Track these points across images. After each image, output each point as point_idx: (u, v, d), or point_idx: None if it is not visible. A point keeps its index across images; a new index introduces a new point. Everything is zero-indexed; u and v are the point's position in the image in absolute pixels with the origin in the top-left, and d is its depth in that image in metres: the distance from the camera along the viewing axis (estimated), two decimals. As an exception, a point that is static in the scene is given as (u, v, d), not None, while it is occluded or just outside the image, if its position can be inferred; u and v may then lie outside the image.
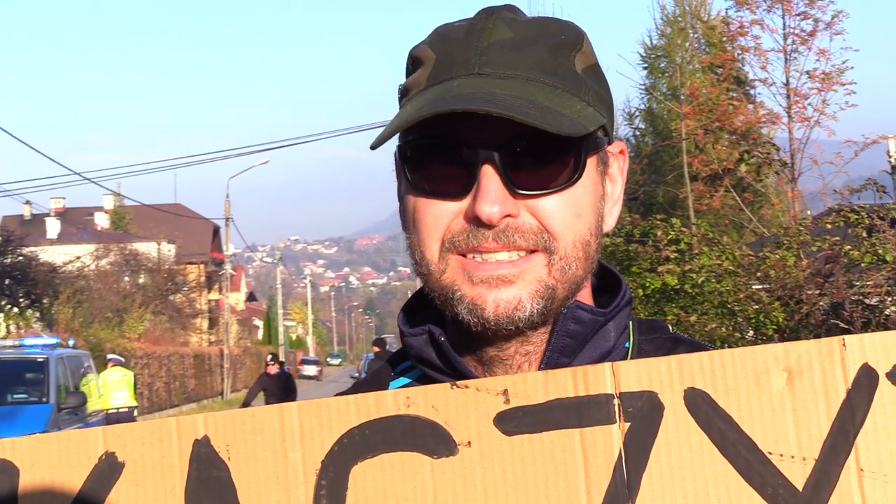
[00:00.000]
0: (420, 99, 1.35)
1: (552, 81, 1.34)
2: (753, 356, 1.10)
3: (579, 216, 1.35)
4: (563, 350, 1.37)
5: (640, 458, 1.09)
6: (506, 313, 1.31)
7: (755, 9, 21.08)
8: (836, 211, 13.62)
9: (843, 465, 1.08)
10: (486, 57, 1.34)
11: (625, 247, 13.72)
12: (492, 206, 1.29)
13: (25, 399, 17.45)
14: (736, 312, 12.89)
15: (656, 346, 1.45)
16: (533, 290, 1.32)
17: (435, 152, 1.34)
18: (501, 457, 1.11)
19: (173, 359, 41.06)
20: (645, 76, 31.18)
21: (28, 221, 59.86)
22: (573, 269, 1.35)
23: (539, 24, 1.40)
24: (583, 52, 1.40)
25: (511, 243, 1.31)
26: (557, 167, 1.33)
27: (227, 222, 49.60)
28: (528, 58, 1.35)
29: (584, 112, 1.33)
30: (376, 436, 1.13)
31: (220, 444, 1.16)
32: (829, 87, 20.48)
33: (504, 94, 1.29)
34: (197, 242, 65.74)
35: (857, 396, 1.09)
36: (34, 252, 37.77)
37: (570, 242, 1.34)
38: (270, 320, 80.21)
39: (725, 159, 22.50)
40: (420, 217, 1.36)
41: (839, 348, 1.10)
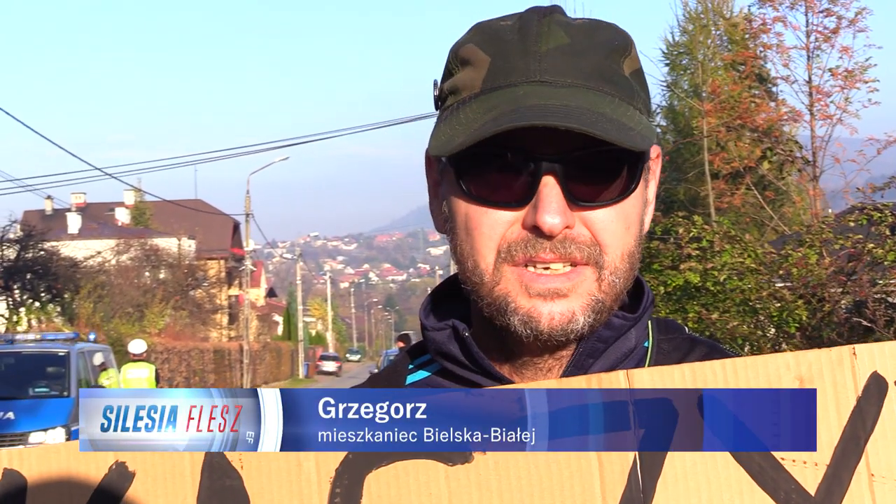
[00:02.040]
0: (483, 105, 1.34)
1: (610, 90, 1.34)
2: (766, 364, 1.12)
3: (628, 229, 1.35)
4: (592, 353, 1.37)
5: (655, 464, 1.11)
6: (560, 326, 1.31)
7: (778, 6, 21.02)
8: (859, 209, 13.56)
9: (854, 470, 1.10)
10: (546, 63, 1.33)
11: (646, 244, 13.67)
12: (554, 216, 1.29)
13: (47, 393, 17.58)
14: (758, 310, 12.85)
15: (674, 346, 1.46)
16: (585, 303, 1.32)
17: (492, 160, 1.33)
18: (517, 464, 1.11)
19: (193, 354, 41.22)
20: (666, 73, 31.11)
21: (49, 216, 60.19)
22: (621, 282, 1.35)
23: (592, 27, 1.39)
24: (631, 57, 1.39)
25: (567, 254, 1.31)
26: (614, 179, 1.33)
27: (247, 218, 49.70)
28: (586, 65, 1.34)
29: (643, 122, 1.34)
30: None
31: (233, 454, 1.15)
32: (852, 85, 20.40)
33: (576, 107, 1.28)
34: (217, 238, 65.99)
35: (867, 404, 1.12)
36: (55, 247, 37.97)
37: (618, 255, 1.34)
38: (290, 316, 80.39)
39: (747, 157, 22.45)
40: (474, 225, 1.35)
41: (849, 357, 1.13)
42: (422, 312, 1.49)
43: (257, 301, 78.20)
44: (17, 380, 17.82)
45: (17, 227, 36.67)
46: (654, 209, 1.48)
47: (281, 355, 65.07)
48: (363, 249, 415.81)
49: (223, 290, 58.94)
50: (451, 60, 1.43)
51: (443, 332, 1.42)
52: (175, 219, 56.76)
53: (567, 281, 1.31)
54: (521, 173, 1.31)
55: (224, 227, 70.17)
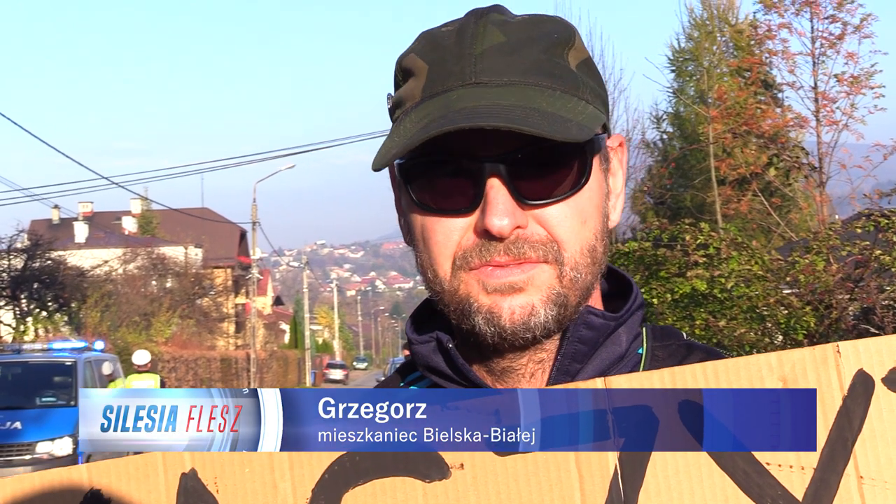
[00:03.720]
0: (419, 113, 1.32)
1: (551, 84, 1.32)
2: (747, 366, 1.09)
3: (585, 223, 1.33)
4: (575, 356, 1.35)
5: (636, 474, 1.08)
6: (521, 319, 1.29)
7: (783, 12, 20.98)
8: (866, 215, 13.52)
9: (842, 473, 1.07)
10: (482, 64, 1.32)
11: (653, 251, 13.66)
12: (501, 218, 1.27)
13: (54, 402, 17.62)
14: (765, 317, 12.82)
15: (670, 353, 1.43)
16: (545, 296, 1.30)
17: (438, 168, 1.32)
18: (495, 478, 1.09)
19: (200, 362, 41.25)
20: (672, 79, 31.10)
21: (56, 225, 60.27)
22: (583, 277, 1.33)
23: (529, 23, 1.37)
24: (575, 48, 1.37)
25: (521, 255, 1.29)
26: (563, 174, 1.31)
27: (254, 226, 49.72)
28: (524, 61, 1.32)
29: (587, 112, 1.31)
30: (367, 462, 1.11)
31: (208, 477, 1.14)
32: (858, 91, 20.35)
33: (507, 105, 1.26)
34: (224, 246, 66.05)
35: (853, 403, 1.08)
36: (62, 256, 38.00)
37: (577, 250, 1.32)
38: (297, 324, 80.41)
39: (753, 163, 22.41)
40: (429, 235, 1.34)
41: (833, 355, 1.09)
42: (407, 327, 1.48)
43: (264, 309, 78.21)
44: (25, 389, 17.86)
45: (25, 236, 36.72)
46: (624, 199, 1.45)
47: (288, 363, 65.07)
48: (370, 257, 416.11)
49: (230, 299, 58.95)
50: (396, 72, 1.43)
51: (427, 344, 1.41)
52: (182, 227, 56.87)
53: (522, 273, 1.29)
54: (466, 178, 1.30)
55: (231, 235, 70.21)
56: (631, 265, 13.77)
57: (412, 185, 1.34)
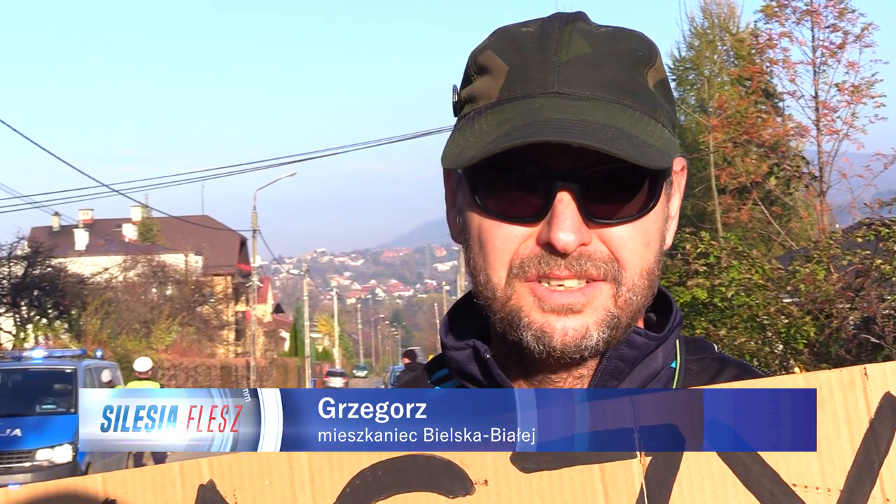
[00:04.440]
0: (498, 117, 1.30)
1: (631, 103, 1.30)
2: (774, 386, 1.08)
3: (648, 245, 1.32)
4: (614, 373, 1.34)
5: (662, 492, 1.07)
6: (574, 342, 1.28)
7: (784, 21, 21.03)
8: (866, 224, 13.53)
9: (868, 495, 1.06)
10: (566, 74, 1.30)
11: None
12: (568, 234, 1.26)
13: (54, 409, 17.60)
14: (766, 326, 12.81)
15: (703, 367, 1.43)
16: (599, 318, 1.29)
17: (507, 173, 1.30)
18: (520, 495, 1.08)
19: (200, 370, 41.22)
20: (673, 88, 31.10)
21: (56, 233, 60.20)
22: (638, 299, 1.32)
23: (614, 36, 1.35)
24: (655, 68, 1.36)
25: (583, 271, 1.28)
26: (633, 195, 1.30)
27: (254, 234, 49.75)
28: (607, 76, 1.30)
29: (665, 137, 1.30)
30: (389, 476, 1.10)
31: (227, 489, 1.13)
32: (859, 100, 20.39)
33: (594, 122, 1.25)
34: (224, 254, 66.04)
35: (880, 426, 1.07)
36: (63, 263, 38.01)
37: (637, 272, 1.31)
38: (297, 332, 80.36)
39: (754, 172, 22.42)
40: (487, 238, 1.32)
41: (861, 378, 1.08)
42: (441, 330, 1.46)
43: (264, 317, 78.21)
44: (25, 397, 17.84)
45: (25, 243, 36.72)
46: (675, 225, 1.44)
47: (288, 371, 65.03)
48: (370, 265, 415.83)
49: (230, 307, 58.92)
50: (469, 66, 1.40)
51: (463, 351, 1.40)
52: (182, 235, 56.87)
53: (581, 296, 1.29)
54: (536, 188, 1.28)
55: (231, 243, 70.20)
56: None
57: (477, 186, 1.33)
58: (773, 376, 1.11)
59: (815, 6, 20.65)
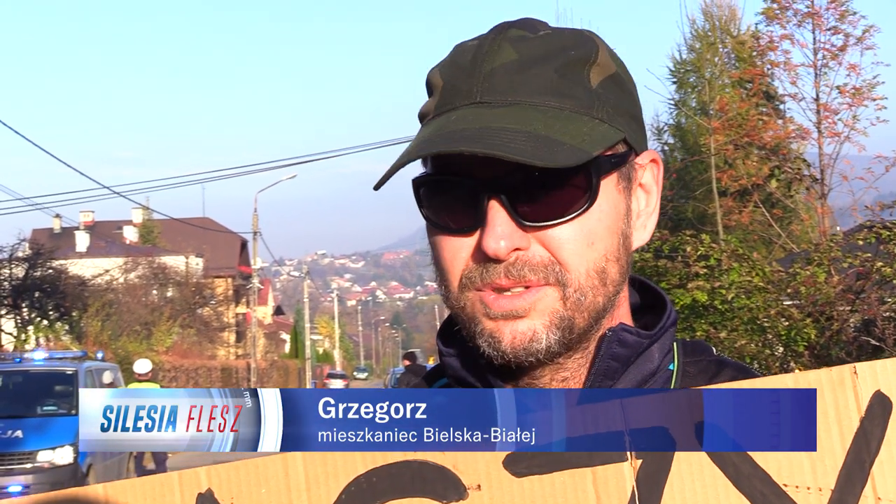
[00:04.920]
0: (420, 134, 1.33)
1: (559, 103, 1.30)
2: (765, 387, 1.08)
3: (592, 244, 1.30)
4: (608, 373, 1.34)
5: (654, 495, 1.07)
6: (522, 345, 1.28)
7: (785, 24, 21.01)
8: (867, 227, 13.54)
9: (860, 494, 1.06)
10: (489, 83, 1.31)
11: (654, 262, 13.67)
12: (497, 241, 1.26)
13: (55, 411, 17.60)
14: (766, 329, 12.81)
15: (701, 369, 1.42)
16: (548, 321, 1.28)
17: (446, 187, 1.32)
18: (512, 499, 1.08)
19: (201, 372, 41.24)
20: (674, 91, 31.12)
21: (57, 235, 60.26)
22: (589, 299, 1.30)
23: (549, 40, 1.34)
24: (598, 64, 1.34)
25: (522, 277, 1.28)
26: (566, 195, 1.28)
27: (254, 236, 49.76)
28: (534, 80, 1.30)
29: (592, 133, 1.28)
30: (384, 483, 1.10)
31: (225, 497, 1.13)
32: (860, 103, 20.37)
33: (497, 128, 1.25)
34: (225, 256, 66.09)
35: (870, 425, 1.07)
36: (63, 265, 38.03)
37: (582, 273, 1.29)
38: (297, 334, 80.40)
39: (755, 175, 22.41)
40: (439, 252, 1.34)
41: (850, 376, 1.07)
42: (438, 337, 1.47)
43: (265, 319, 78.23)
44: (26, 398, 17.85)
45: (26, 245, 36.76)
46: (655, 219, 1.42)
47: (288, 373, 65.06)
48: (370, 267, 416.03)
49: (230, 308, 58.95)
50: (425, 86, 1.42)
51: (456, 357, 1.41)
52: (183, 237, 56.90)
53: (523, 301, 1.28)
54: (470, 199, 1.29)
55: (232, 245, 70.25)
56: (632, 276, 13.75)
57: (424, 202, 1.35)
58: (763, 378, 1.10)
59: (816, 8, 20.65)
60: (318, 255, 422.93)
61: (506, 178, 1.27)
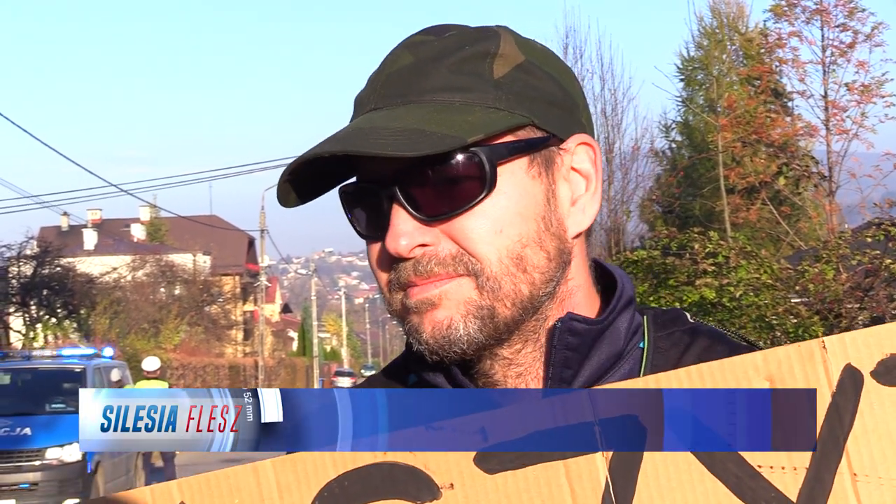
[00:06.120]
0: None
1: (449, 97, 1.29)
2: (733, 367, 1.06)
3: (500, 232, 1.28)
4: (567, 363, 1.32)
5: (628, 484, 1.06)
6: (441, 333, 1.28)
7: (793, 20, 20.98)
8: (876, 224, 13.53)
9: (835, 471, 1.04)
10: (385, 90, 1.32)
11: (662, 260, 13.67)
12: (396, 240, 1.27)
13: (64, 409, 17.64)
14: (774, 326, 12.81)
15: (673, 342, 1.39)
16: (464, 310, 1.27)
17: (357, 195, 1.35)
18: (486, 496, 1.08)
19: (208, 370, 41.31)
20: (682, 88, 31.12)
21: (65, 233, 60.39)
22: (508, 286, 1.28)
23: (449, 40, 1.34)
24: (501, 56, 1.33)
25: (429, 272, 1.27)
26: (462, 186, 1.27)
27: (262, 234, 49.87)
28: (426, 79, 1.30)
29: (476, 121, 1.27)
30: (356, 487, 1.10)
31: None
32: (868, 100, 20.33)
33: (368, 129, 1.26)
34: (232, 254, 66.19)
35: (842, 399, 1.04)
36: (71, 263, 38.15)
37: (493, 261, 1.27)
38: (305, 332, 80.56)
39: (763, 172, 22.38)
40: (369, 260, 1.36)
41: (819, 350, 1.05)
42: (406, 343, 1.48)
43: (272, 317, 78.38)
44: (34, 396, 17.89)
45: (34, 243, 36.86)
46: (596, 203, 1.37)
47: (296, 371, 65.17)
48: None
49: (238, 306, 59.08)
50: None
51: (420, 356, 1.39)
52: (190, 235, 56.99)
53: (435, 289, 1.28)
54: (374, 203, 1.31)
55: (239, 242, 70.35)
56: (640, 273, 13.77)
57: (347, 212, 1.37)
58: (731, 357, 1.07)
59: (824, 5, 20.62)
60: (325, 252, 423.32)
61: (401, 178, 1.28)
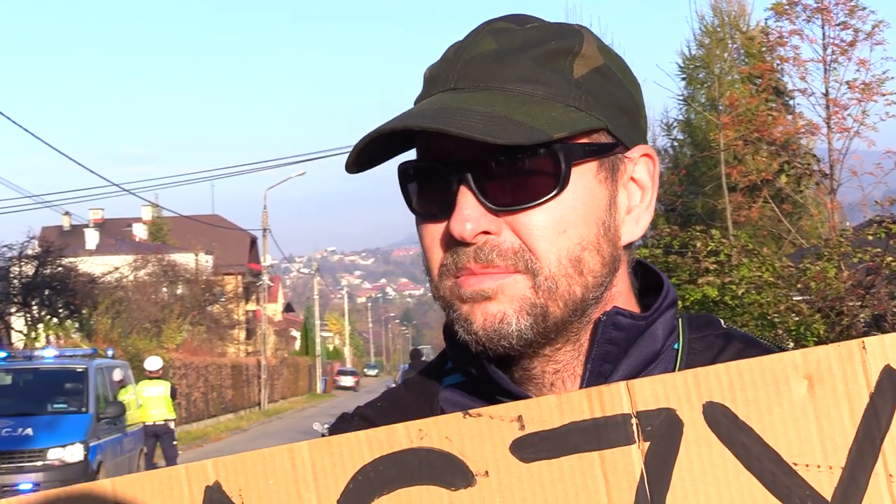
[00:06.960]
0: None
1: (532, 90, 1.29)
2: (772, 365, 1.06)
3: (563, 232, 1.28)
4: (607, 357, 1.33)
5: (663, 477, 1.06)
6: (492, 326, 1.27)
7: (794, 19, 20.95)
8: (877, 222, 13.53)
9: (871, 471, 1.04)
10: (465, 71, 1.31)
11: (664, 258, 13.66)
12: (462, 223, 1.25)
13: (65, 409, 17.64)
14: (776, 324, 12.81)
15: (707, 345, 1.40)
16: (518, 306, 1.27)
17: (423, 173, 1.33)
18: (521, 485, 1.08)
19: (211, 369, 41.24)
20: (683, 87, 31.07)
21: (67, 232, 60.35)
22: (563, 287, 1.28)
23: (532, 32, 1.34)
24: (583, 56, 1.33)
25: (490, 262, 1.26)
26: (536, 180, 1.27)
27: (264, 233, 49.85)
28: (509, 68, 1.30)
29: (560, 118, 1.27)
30: (391, 471, 1.10)
31: (233, 489, 1.13)
32: (870, 98, 20.30)
33: (455, 109, 1.25)
34: (234, 253, 66.13)
35: (880, 400, 1.04)
36: (73, 263, 38.12)
37: (553, 261, 1.27)
38: (307, 331, 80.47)
39: (764, 170, 22.36)
40: (421, 240, 1.34)
41: (859, 351, 1.05)
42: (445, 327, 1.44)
43: (275, 316, 78.33)
44: (36, 396, 17.88)
45: (36, 243, 36.85)
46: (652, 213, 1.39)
47: (298, 370, 65.15)
48: (380, 264, 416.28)
49: (240, 306, 58.98)
50: None
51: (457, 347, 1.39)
52: (192, 234, 56.89)
53: (492, 281, 1.27)
54: (442, 183, 1.29)
55: (241, 242, 70.29)
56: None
57: (404, 190, 1.36)
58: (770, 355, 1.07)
59: (825, 4, 20.58)
60: (327, 251, 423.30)
61: (475, 162, 1.27)
